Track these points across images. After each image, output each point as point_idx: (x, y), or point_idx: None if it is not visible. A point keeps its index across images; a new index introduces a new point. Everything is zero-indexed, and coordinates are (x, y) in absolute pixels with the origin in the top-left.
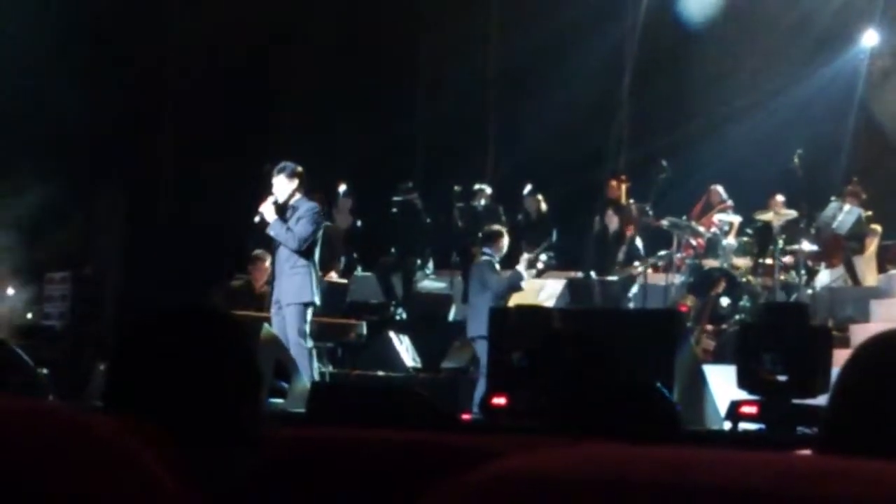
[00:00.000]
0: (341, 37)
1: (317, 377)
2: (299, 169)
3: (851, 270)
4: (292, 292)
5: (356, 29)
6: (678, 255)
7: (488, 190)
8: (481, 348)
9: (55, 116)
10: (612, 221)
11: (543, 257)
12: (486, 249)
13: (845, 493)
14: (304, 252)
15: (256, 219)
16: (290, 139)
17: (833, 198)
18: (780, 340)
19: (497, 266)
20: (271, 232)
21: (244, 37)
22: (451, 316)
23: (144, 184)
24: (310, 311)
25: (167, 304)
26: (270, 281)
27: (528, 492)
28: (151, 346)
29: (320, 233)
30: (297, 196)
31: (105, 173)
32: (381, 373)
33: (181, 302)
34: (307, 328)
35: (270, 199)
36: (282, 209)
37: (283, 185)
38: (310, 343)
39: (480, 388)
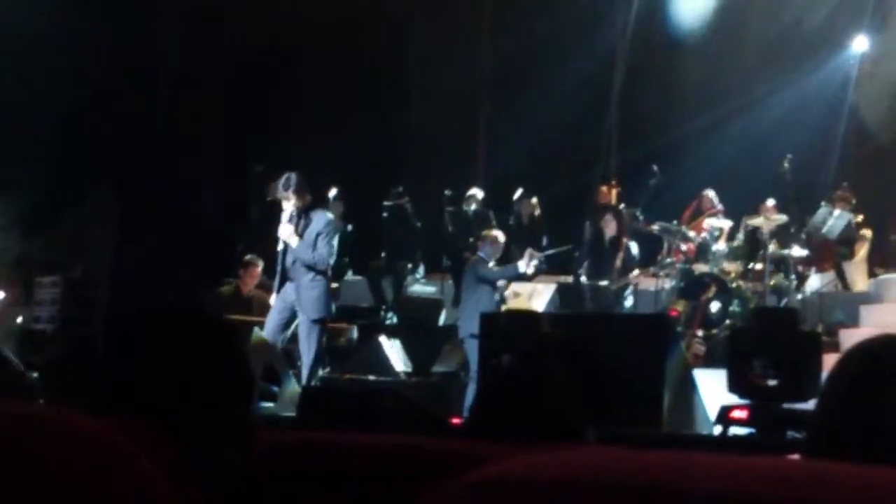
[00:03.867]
0: (331, 40)
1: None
2: (302, 181)
3: (841, 275)
4: (313, 306)
5: (347, 32)
6: (668, 260)
7: (479, 194)
8: (472, 348)
9: (44, 120)
10: (610, 227)
11: (535, 262)
12: (480, 253)
13: (833, 498)
14: (324, 269)
15: (280, 246)
16: (280, 142)
17: (823, 202)
18: (770, 345)
19: (490, 265)
20: (294, 255)
21: (235, 39)
22: (442, 320)
23: (134, 187)
24: (325, 324)
25: (157, 307)
26: (261, 286)
27: (521, 496)
28: (141, 347)
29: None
30: (309, 208)
31: (95, 177)
32: (371, 377)
33: (170, 304)
34: (323, 340)
35: (285, 218)
36: (293, 221)
37: (291, 200)
38: (320, 352)
39: (471, 391)
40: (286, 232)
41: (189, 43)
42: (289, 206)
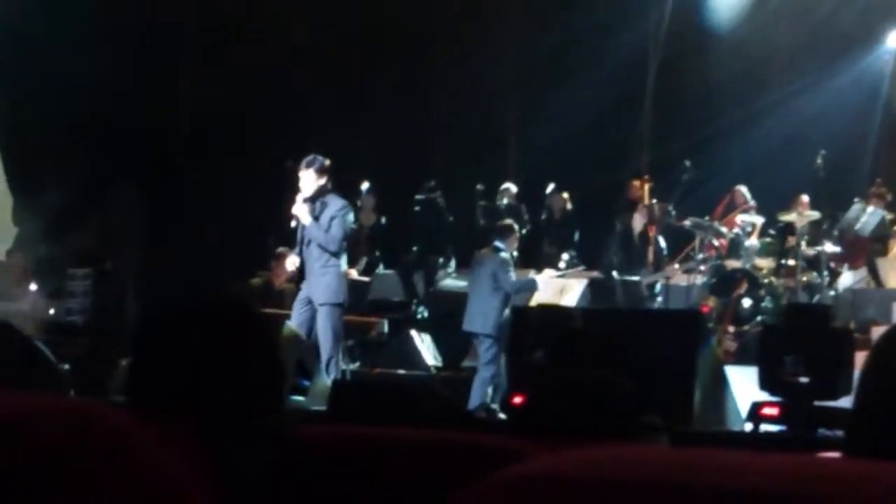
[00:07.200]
0: (362, 33)
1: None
2: (328, 163)
3: (874, 272)
4: (325, 292)
5: (377, 25)
6: (700, 256)
7: (513, 189)
8: (482, 344)
9: (74, 117)
10: (638, 222)
11: (563, 264)
12: (498, 244)
13: (868, 495)
14: (336, 251)
15: (293, 223)
16: (311, 136)
17: (856, 199)
18: (801, 342)
19: (512, 264)
20: (308, 235)
21: (261, 34)
22: None
23: (163, 180)
24: (341, 310)
25: (187, 299)
26: (292, 279)
27: (554, 493)
28: (173, 339)
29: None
30: (327, 192)
31: (124, 171)
32: (402, 371)
33: (201, 297)
34: (340, 327)
35: (300, 199)
36: (310, 202)
37: (311, 180)
38: (341, 343)
39: (478, 383)
40: (301, 210)
41: (216, 38)
42: (307, 185)
